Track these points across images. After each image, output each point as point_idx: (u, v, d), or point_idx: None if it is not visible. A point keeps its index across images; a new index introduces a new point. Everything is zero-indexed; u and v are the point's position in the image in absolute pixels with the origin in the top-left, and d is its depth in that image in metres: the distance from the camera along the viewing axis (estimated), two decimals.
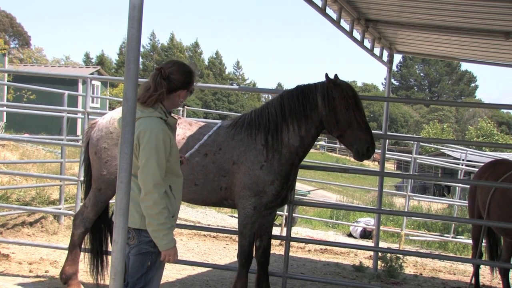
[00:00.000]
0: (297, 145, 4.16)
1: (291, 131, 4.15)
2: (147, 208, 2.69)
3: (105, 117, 4.53)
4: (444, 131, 44.39)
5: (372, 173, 9.20)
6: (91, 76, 6.84)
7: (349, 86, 4.06)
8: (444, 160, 13.43)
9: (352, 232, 10.96)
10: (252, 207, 4.17)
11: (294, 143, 4.15)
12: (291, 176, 4.29)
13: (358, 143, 3.96)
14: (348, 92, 3.98)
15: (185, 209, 11.05)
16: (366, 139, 3.96)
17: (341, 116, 3.98)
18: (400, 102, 65.70)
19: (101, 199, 4.52)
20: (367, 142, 3.96)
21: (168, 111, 2.95)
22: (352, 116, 3.97)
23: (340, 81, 4.07)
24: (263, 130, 4.20)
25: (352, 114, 3.97)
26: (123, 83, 2.35)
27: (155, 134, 2.72)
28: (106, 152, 4.38)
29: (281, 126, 4.17)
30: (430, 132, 43.46)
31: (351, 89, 4.04)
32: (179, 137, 4.34)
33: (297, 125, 4.13)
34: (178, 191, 2.93)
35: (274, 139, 4.16)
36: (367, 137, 3.98)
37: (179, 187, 2.94)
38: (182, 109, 10.71)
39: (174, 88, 2.89)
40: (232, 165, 4.21)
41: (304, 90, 4.18)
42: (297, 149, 4.18)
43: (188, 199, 4.41)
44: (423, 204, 14.64)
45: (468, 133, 44.96)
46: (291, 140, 4.15)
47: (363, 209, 10.50)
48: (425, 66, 78.27)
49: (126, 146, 2.29)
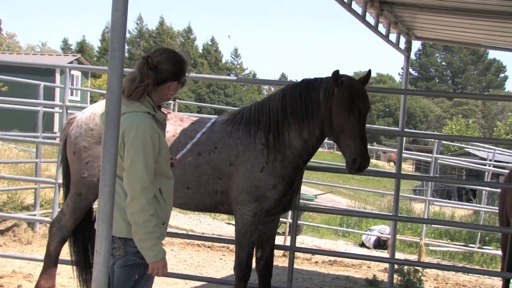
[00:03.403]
0: (301, 147, 4.16)
1: (293, 131, 4.14)
2: (133, 215, 2.69)
3: (85, 112, 4.53)
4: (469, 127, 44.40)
5: (387, 175, 9.20)
6: (70, 65, 6.84)
7: (352, 86, 3.94)
8: (469, 160, 13.43)
9: (364, 242, 10.96)
10: (252, 213, 4.17)
11: (297, 145, 4.15)
12: (295, 180, 4.30)
13: (347, 152, 3.93)
14: (345, 93, 3.91)
15: (176, 216, 11.05)
16: (354, 149, 3.88)
17: (335, 119, 3.96)
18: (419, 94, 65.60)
19: (81, 205, 4.52)
20: (355, 152, 3.88)
21: (157, 105, 2.95)
22: (345, 120, 3.90)
23: (344, 79, 3.97)
24: (263, 128, 4.20)
25: (346, 118, 3.90)
26: (106, 73, 2.34)
27: (141, 131, 2.72)
28: (86, 152, 4.38)
29: (282, 125, 4.16)
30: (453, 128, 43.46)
31: (352, 90, 3.92)
32: (169, 134, 4.34)
33: (299, 125, 4.12)
34: (168, 195, 2.93)
35: (276, 139, 4.16)
36: (356, 147, 3.88)
37: (169, 190, 2.94)
38: (173, 103, 10.70)
39: (163, 79, 2.89)
40: (229, 166, 4.21)
41: (309, 86, 4.15)
42: (301, 152, 4.17)
43: (179, 204, 4.41)
44: (445, 210, 14.63)
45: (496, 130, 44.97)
46: (294, 142, 4.15)
47: (377, 216, 10.50)
48: (447, 54, 78.23)
49: (110, 144, 2.28)
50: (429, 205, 10.11)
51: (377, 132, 14.34)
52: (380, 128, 15.72)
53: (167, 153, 2.89)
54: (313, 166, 5.53)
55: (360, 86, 4.01)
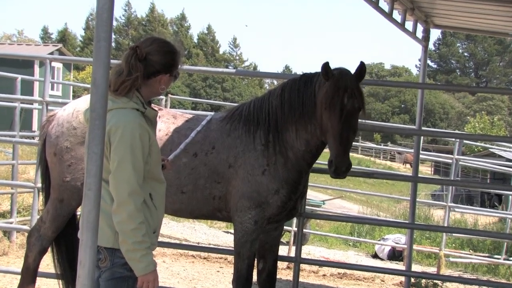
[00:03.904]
0: (303, 149, 4.16)
1: (293, 131, 4.15)
2: (120, 223, 2.69)
3: (66, 109, 4.53)
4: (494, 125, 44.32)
5: (403, 179, 9.20)
6: (50, 56, 6.85)
7: (339, 80, 3.90)
8: (494, 162, 13.42)
9: (378, 253, 10.97)
10: (253, 221, 4.18)
11: (299, 147, 4.16)
12: (300, 185, 4.31)
13: (331, 153, 3.93)
14: (329, 89, 3.90)
15: (169, 223, 11.07)
16: (332, 150, 3.88)
17: (318, 116, 3.98)
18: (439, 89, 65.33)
19: (63, 212, 4.51)
20: (332, 154, 3.88)
21: (147, 101, 2.95)
22: (327, 118, 3.90)
23: (336, 72, 3.95)
24: (262, 128, 4.21)
25: (327, 115, 3.89)
26: (91, 66, 2.35)
27: (130, 129, 2.73)
28: (69, 153, 4.38)
29: (281, 124, 4.18)
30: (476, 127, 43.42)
31: (337, 85, 3.89)
32: (161, 133, 4.35)
33: (299, 125, 4.13)
34: (160, 201, 2.94)
35: (276, 138, 4.18)
36: (333, 147, 3.87)
37: (161, 195, 2.95)
38: (165, 98, 10.73)
39: (153, 72, 2.89)
40: (228, 169, 4.22)
41: (307, 80, 4.16)
42: (304, 154, 4.17)
43: (172, 211, 4.42)
44: (468, 218, 14.64)
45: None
46: (296, 143, 4.16)
47: (391, 224, 10.48)
48: (470, 44, 78.20)
49: (95, 144, 2.29)
50: (450, 212, 10.12)
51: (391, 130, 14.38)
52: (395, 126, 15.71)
53: (158, 154, 2.90)
54: (321, 168, 5.53)
55: (351, 82, 3.93)
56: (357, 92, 3.93)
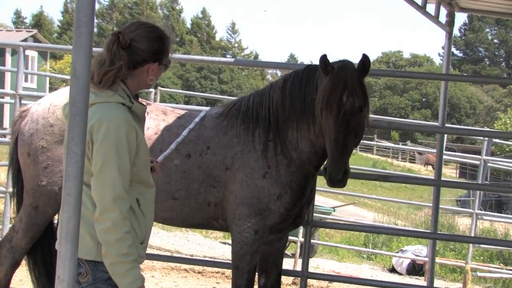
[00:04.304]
0: (308, 150, 4.17)
1: (296, 130, 4.16)
2: (103, 233, 2.70)
3: (42, 103, 4.53)
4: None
5: (424, 182, 9.19)
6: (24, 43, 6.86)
7: (338, 75, 3.87)
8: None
9: (395, 266, 10.98)
10: (253, 230, 4.19)
11: (303, 148, 4.17)
12: (306, 190, 4.32)
13: (327, 159, 3.94)
14: (327, 85, 3.88)
15: (159, 233, 11.07)
16: (328, 156, 3.89)
17: (317, 115, 3.97)
18: (465, 81, 65.16)
19: (38, 221, 4.51)
20: (327, 160, 3.89)
21: (134, 95, 2.96)
22: (325, 118, 3.89)
23: (337, 66, 3.94)
24: (262, 124, 4.23)
25: (324, 115, 3.88)
26: (70, 54, 2.35)
27: (115, 126, 2.73)
28: (45, 153, 4.38)
29: (283, 121, 4.19)
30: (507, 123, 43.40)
31: (336, 80, 3.87)
32: (150, 132, 4.36)
33: (302, 123, 4.13)
34: (149, 208, 2.94)
35: (277, 137, 4.19)
36: (329, 152, 3.87)
37: (149, 201, 2.96)
38: (154, 91, 10.74)
39: (139, 61, 2.90)
40: (225, 171, 4.24)
41: (310, 72, 4.16)
42: (309, 156, 4.17)
43: (163, 219, 4.43)
44: (498, 226, 14.64)
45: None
46: (300, 143, 4.17)
47: (411, 233, 10.47)
48: (500, 30, 78.16)
49: (75, 143, 2.29)
50: (477, 220, 10.12)
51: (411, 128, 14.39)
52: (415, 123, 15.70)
53: (146, 154, 2.91)
54: None
55: (352, 77, 3.88)
56: (359, 89, 3.89)
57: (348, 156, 3.90)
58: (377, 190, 25.84)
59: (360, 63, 3.99)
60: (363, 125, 3.98)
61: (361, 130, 3.97)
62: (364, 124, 3.98)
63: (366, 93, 3.96)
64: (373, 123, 6.19)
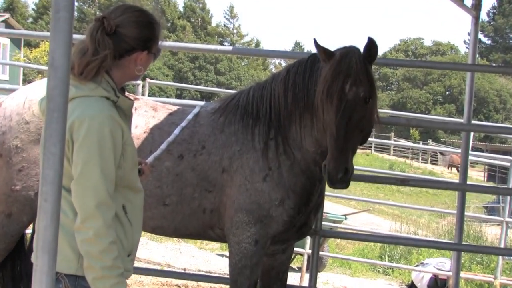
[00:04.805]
0: (313, 150, 4.16)
1: (299, 126, 4.17)
2: (85, 243, 2.69)
3: (16, 97, 4.53)
4: None
5: (447, 186, 9.20)
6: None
7: (340, 63, 3.84)
8: None
9: (415, 281, 10.97)
10: (253, 240, 4.20)
11: (308, 147, 4.17)
12: (312, 195, 4.33)
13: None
14: (327, 74, 3.85)
15: (147, 244, 11.08)
16: (329, 153, 3.82)
17: (319, 108, 3.95)
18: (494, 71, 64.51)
19: (12, 230, 4.51)
20: (327, 157, 3.81)
21: (120, 88, 2.97)
22: (325, 111, 3.86)
23: (339, 52, 3.91)
24: (262, 121, 4.24)
25: (325, 107, 3.85)
26: (47, 42, 2.36)
27: (98, 123, 2.73)
28: (19, 154, 4.39)
29: (285, 116, 4.19)
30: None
31: (337, 68, 3.83)
32: (139, 130, 4.37)
33: (304, 118, 4.13)
34: (136, 215, 2.95)
35: (279, 136, 4.20)
36: (329, 148, 3.81)
37: (137, 208, 2.96)
38: (142, 83, 10.75)
39: (126, 49, 2.90)
40: (222, 174, 4.25)
41: (315, 61, 4.13)
42: (315, 156, 4.15)
43: (152, 228, 4.44)
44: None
45: None
46: (304, 142, 4.18)
47: (433, 244, 10.49)
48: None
49: (53, 143, 2.30)
50: (507, 229, 10.11)
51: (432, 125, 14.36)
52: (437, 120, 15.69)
53: (133, 155, 2.91)
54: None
55: (356, 64, 3.84)
56: (364, 77, 3.84)
57: (350, 154, 3.81)
58: (395, 196, 25.85)
59: (365, 48, 3.93)
60: (370, 120, 3.93)
61: (367, 125, 3.93)
62: (370, 118, 3.93)
63: (372, 82, 3.91)
64: (390, 120, 6.22)
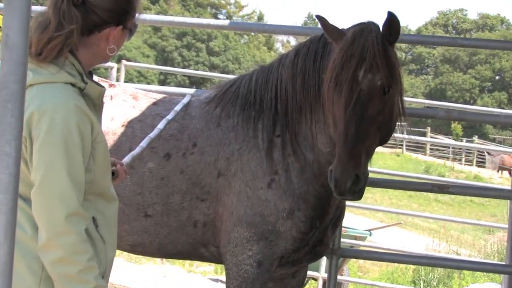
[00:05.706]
0: (328, 150, 4.15)
1: (310, 120, 4.18)
2: (57, 264, 2.70)
3: None
4: None
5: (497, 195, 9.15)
6: None
7: (353, 45, 3.78)
8: None
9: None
10: (255, 261, 4.21)
11: (322, 147, 4.19)
12: (330, 207, 4.33)
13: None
14: (337, 58, 3.82)
15: (124, 265, 11.11)
16: (336, 155, 3.75)
17: (324, 99, 3.96)
18: None
19: None
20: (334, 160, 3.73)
21: (88, 71, 2.98)
22: (334, 103, 3.84)
23: (353, 30, 3.88)
24: (267, 114, 4.26)
25: (334, 98, 3.83)
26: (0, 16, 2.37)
27: (61, 116, 2.73)
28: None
29: (293, 108, 4.21)
30: None
31: (349, 53, 3.77)
32: (116, 123, 4.39)
33: (316, 110, 4.15)
34: (110, 229, 2.96)
35: (286, 132, 4.22)
36: (337, 150, 3.74)
37: (111, 220, 2.98)
38: (117, 66, 10.76)
39: (96, 23, 2.92)
40: (217, 179, 4.26)
41: (327, 42, 4.11)
42: (330, 158, 4.05)
43: (131, 245, 4.46)
44: None
45: None
46: (317, 140, 4.19)
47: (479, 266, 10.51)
48: None
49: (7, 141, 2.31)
50: None
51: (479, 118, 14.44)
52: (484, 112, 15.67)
53: (105, 155, 2.92)
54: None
55: (372, 45, 3.78)
56: (382, 61, 3.79)
57: (364, 157, 3.71)
58: (431, 206, 25.85)
59: (385, 25, 3.89)
60: (390, 114, 3.89)
61: (387, 121, 3.87)
62: (391, 113, 3.89)
63: (394, 67, 3.87)
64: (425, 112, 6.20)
